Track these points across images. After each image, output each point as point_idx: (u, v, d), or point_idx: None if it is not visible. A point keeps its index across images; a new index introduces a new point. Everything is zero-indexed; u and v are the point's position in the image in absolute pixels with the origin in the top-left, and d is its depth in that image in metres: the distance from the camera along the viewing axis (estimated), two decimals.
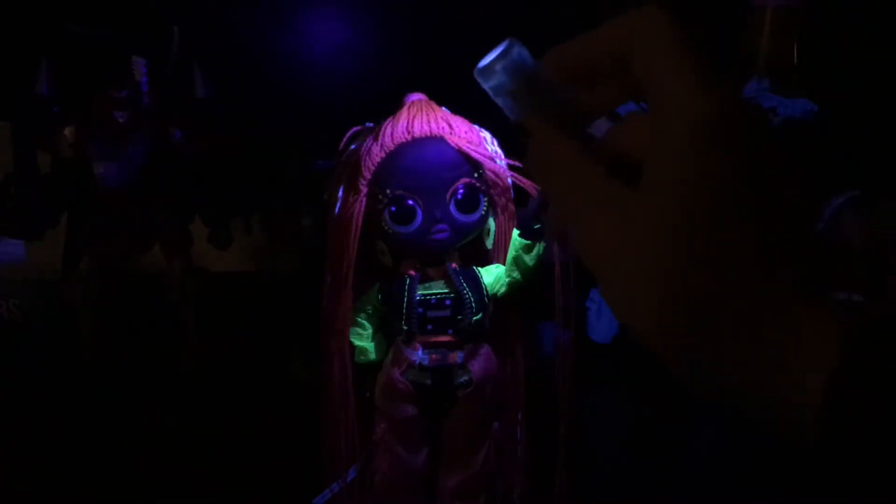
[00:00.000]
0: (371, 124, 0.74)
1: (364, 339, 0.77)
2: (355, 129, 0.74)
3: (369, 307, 0.76)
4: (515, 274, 0.74)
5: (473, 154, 0.71)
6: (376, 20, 1.39)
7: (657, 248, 0.26)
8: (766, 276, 0.26)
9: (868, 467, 0.24)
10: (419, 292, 0.73)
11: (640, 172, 0.28)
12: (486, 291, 0.75)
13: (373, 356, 0.78)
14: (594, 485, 0.81)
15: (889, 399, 0.24)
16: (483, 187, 0.72)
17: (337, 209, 0.72)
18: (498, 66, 0.30)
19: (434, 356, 0.75)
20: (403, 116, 0.71)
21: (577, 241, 0.29)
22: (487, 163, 0.72)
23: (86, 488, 0.92)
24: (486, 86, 0.31)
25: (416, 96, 0.74)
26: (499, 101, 0.31)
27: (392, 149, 0.70)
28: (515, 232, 0.73)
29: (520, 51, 0.30)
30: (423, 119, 0.71)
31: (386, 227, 0.70)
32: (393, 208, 0.69)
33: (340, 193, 0.72)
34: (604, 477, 0.96)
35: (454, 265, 0.74)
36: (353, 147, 0.73)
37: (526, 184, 0.72)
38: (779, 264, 0.26)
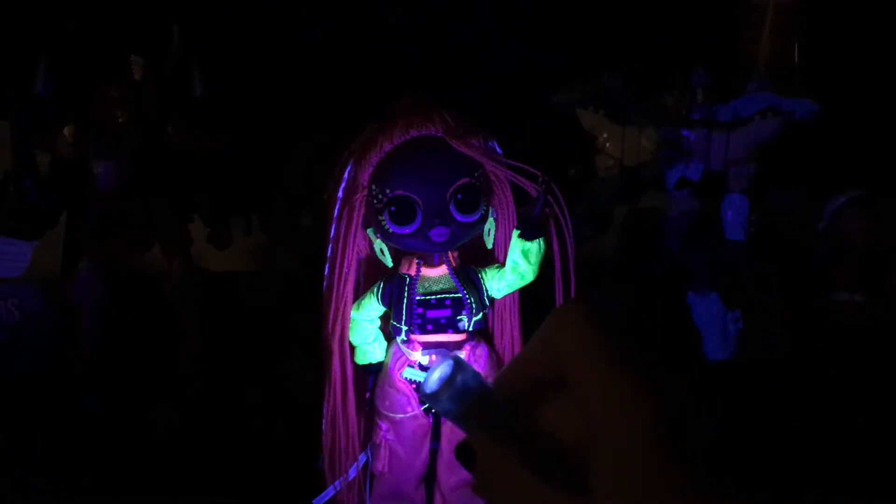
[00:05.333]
0: (371, 124, 0.74)
1: (364, 340, 0.77)
2: (355, 128, 0.74)
3: (369, 307, 0.76)
4: (515, 274, 0.74)
5: (473, 154, 0.70)
6: (377, 20, 1.39)
7: None
8: None
9: None
10: (419, 292, 0.73)
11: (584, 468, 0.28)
12: (486, 291, 0.75)
13: (373, 356, 0.78)
14: None
15: None
16: (483, 187, 0.72)
17: (337, 209, 0.72)
18: (444, 396, 0.32)
19: (434, 356, 0.75)
20: (403, 116, 0.71)
21: None
22: (487, 163, 0.72)
23: (86, 488, 0.92)
24: (436, 408, 0.33)
25: (416, 96, 0.74)
26: (448, 419, 0.33)
27: (392, 149, 0.70)
28: (515, 232, 0.73)
29: (463, 378, 0.31)
30: (423, 119, 0.70)
31: (386, 227, 0.70)
32: (393, 208, 0.69)
33: (340, 193, 0.72)
34: None
35: (454, 265, 0.74)
36: (353, 147, 0.73)
37: (525, 184, 0.72)
38: None
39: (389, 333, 0.78)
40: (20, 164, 1.08)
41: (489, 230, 0.75)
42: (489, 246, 0.77)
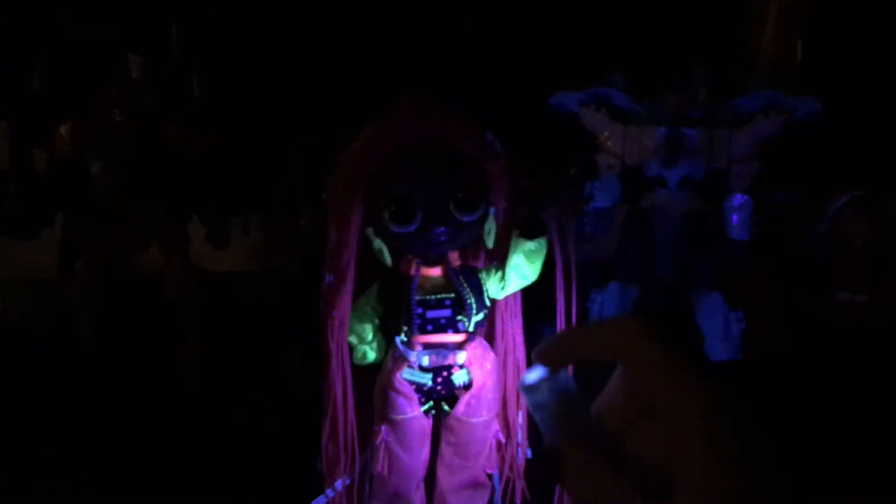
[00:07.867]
0: (371, 124, 0.73)
1: (363, 340, 0.77)
2: (356, 128, 0.74)
3: (368, 307, 0.76)
4: (516, 274, 0.73)
5: (473, 153, 0.70)
6: (377, 20, 1.38)
7: None
8: None
9: None
10: (419, 293, 0.73)
11: (667, 480, 0.29)
12: (486, 292, 0.74)
13: (372, 357, 0.78)
14: None
15: None
16: (483, 187, 0.71)
17: (337, 209, 0.72)
18: (545, 387, 0.32)
19: (434, 357, 0.74)
20: (403, 116, 0.71)
21: None
22: (487, 162, 0.71)
23: (85, 487, 0.92)
24: (529, 401, 0.33)
25: (416, 96, 0.74)
26: (537, 416, 0.33)
27: (392, 148, 0.70)
28: (516, 232, 0.73)
29: (566, 377, 0.32)
30: (423, 119, 0.70)
31: (386, 227, 0.70)
32: (393, 208, 0.69)
33: (340, 193, 0.72)
34: None
35: (454, 265, 0.74)
36: (353, 146, 0.72)
37: (526, 183, 0.72)
38: None
39: (389, 334, 0.78)
40: (17, 164, 1.08)
41: (489, 230, 0.74)
42: (489, 246, 0.76)
